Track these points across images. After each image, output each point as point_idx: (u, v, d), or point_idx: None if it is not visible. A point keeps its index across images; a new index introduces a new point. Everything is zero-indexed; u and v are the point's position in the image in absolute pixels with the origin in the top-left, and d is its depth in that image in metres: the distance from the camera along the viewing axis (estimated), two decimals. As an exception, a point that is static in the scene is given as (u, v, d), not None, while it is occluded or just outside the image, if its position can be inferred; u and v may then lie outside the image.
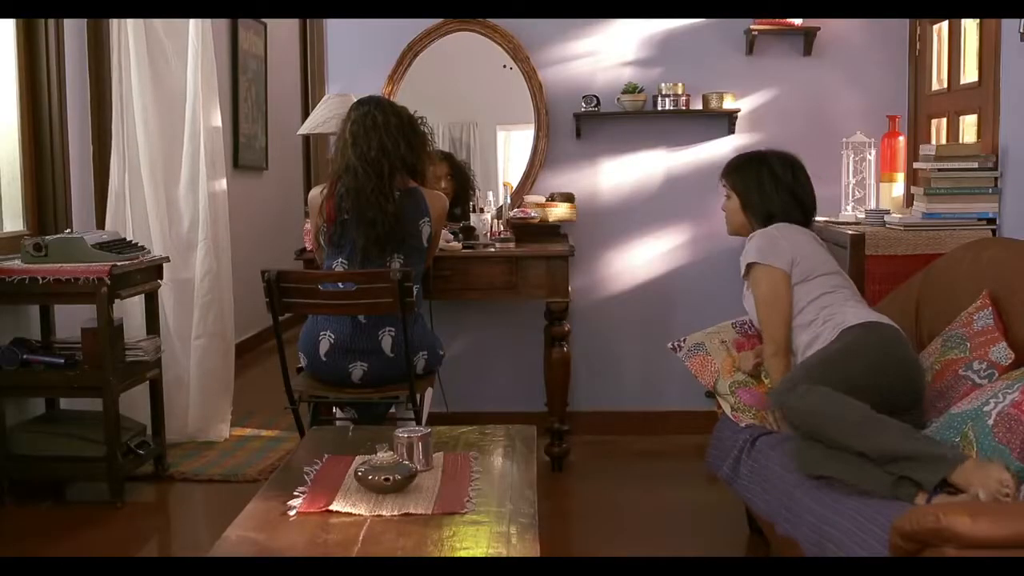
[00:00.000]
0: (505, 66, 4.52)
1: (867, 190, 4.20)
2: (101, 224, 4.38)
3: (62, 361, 3.75)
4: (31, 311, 4.03)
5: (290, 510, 2.24)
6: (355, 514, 2.20)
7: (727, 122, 4.50)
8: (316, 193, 3.52)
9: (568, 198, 4.45)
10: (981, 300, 2.89)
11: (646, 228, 4.60)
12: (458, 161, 4.48)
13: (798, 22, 4.38)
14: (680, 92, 4.41)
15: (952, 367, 2.79)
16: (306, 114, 5.25)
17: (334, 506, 2.24)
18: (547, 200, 4.41)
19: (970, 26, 3.89)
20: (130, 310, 4.23)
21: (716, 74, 4.49)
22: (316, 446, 2.76)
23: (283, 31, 7.34)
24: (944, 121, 4.14)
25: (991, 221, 3.63)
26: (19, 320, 3.97)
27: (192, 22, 4.39)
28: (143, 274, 3.98)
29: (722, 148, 4.49)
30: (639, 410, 4.64)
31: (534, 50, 4.51)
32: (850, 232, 3.62)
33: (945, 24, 4.11)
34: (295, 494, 2.33)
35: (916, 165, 4.03)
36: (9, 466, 3.77)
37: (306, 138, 6.51)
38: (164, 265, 4.16)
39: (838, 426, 2.46)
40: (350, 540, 2.07)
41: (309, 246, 3.90)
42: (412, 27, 4.47)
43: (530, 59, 4.48)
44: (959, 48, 3.98)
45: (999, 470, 2.20)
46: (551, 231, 4.42)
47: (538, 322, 4.31)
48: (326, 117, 4.13)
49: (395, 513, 2.20)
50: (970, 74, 3.89)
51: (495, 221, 4.27)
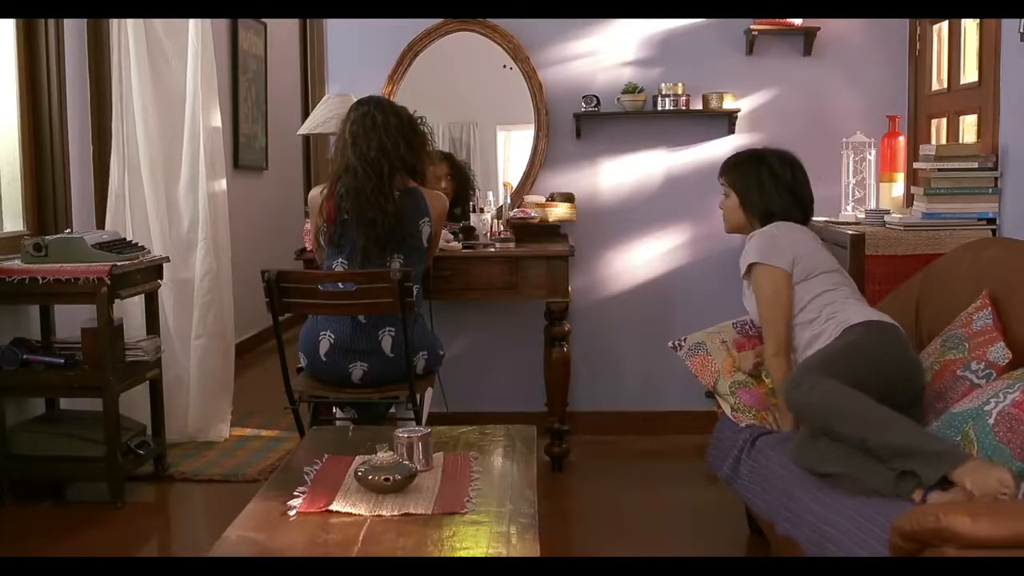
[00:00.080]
0: (505, 66, 4.52)
1: (867, 190, 4.20)
2: (101, 224, 4.38)
3: (62, 361, 3.75)
4: (31, 311, 4.03)
5: (290, 510, 2.24)
6: (355, 514, 2.20)
7: (727, 122, 4.50)
8: (316, 193, 3.52)
9: (568, 198, 4.45)
10: (981, 300, 2.89)
11: (646, 228, 4.60)
12: (458, 161, 4.48)
13: (798, 22, 4.38)
14: (680, 92, 4.41)
15: (951, 367, 2.79)
16: (306, 114, 5.25)
17: (334, 506, 2.24)
18: (547, 200, 4.41)
19: (970, 26, 3.89)
20: (130, 310, 4.24)
21: (716, 74, 4.49)
22: (316, 446, 2.76)
23: (283, 31, 7.34)
24: (944, 121, 4.14)
25: (991, 221, 3.63)
26: (19, 320, 3.97)
27: (192, 22, 4.39)
28: (143, 274, 3.98)
29: (722, 148, 4.48)
30: (639, 410, 4.64)
31: (534, 50, 4.51)
32: (850, 232, 3.62)
33: (945, 24, 4.11)
34: (295, 494, 2.33)
35: (916, 165, 4.02)
36: (9, 466, 3.77)
37: (306, 138, 6.51)
38: (164, 265, 4.16)
39: (846, 419, 2.47)
40: (350, 540, 2.07)
41: (309, 246, 3.90)
42: (412, 27, 4.47)
43: (530, 59, 4.48)
44: (959, 48, 3.98)
45: (1001, 471, 2.21)
46: (551, 231, 4.42)
47: (538, 322, 4.31)
48: (326, 117, 4.13)
49: (395, 513, 2.19)
50: (970, 74, 3.89)
51: (495, 221, 4.27)
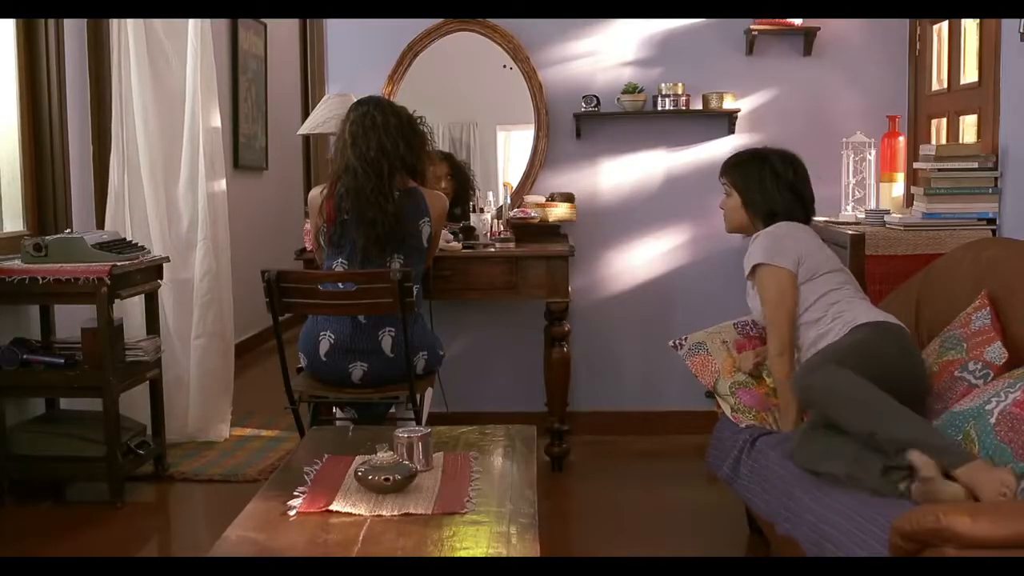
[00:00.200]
0: (505, 66, 4.52)
1: (867, 190, 4.20)
2: (101, 224, 4.38)
3: (62, 361, 3.75)
4: (31, 311, 4.03)
5: (290, 510, 2.24)
6: (355, 514, 2.20)
7: (727, 122, 4.50)
8: (316, 193, 3.52)
9: (568, 198, 4.45)
10: (980, 300, 2.89)
11: (646, 228, 4.60)
12: (458, 161, 4.48)
13: (798, 22, 4.38)
14: (680, 92, 4.41)
15: (949, 368, 2.79)
16: (306, 114, 5.25)
17: (334, 506, 2.24)
18: (547, 200, 4.41)
19: (970, 26, 3.89)
20: (130, 310, 4.23)
21: (716, 74, 4.48)
22: (316, 446, 2.76)
23: (283, 31, 7.34)
24: (944, 121, 4.14)
25: (991, 221, 3.63)
26: (19, 320, 3.97)
27: (192, 22, 4.39)
28: (143, 274, 3.98)
29: (722, 148, 4.48)
30: (639, 410, 4.64)
31: (534, 50, 4.51)
32: (850, 232, 3.61)
33: (945, 24, 4.11)
34: (295, 494, 2.33)
35: (916, 165, 4.02)
36: (9, 466, 3.77)
37: (306, 138, 6.51)
38: (164, 265, 4.16)
39: (857, 410, 2.48)
40: (350, 540, 2.07)
41: (309, 246, 3.90)
42: (412, 27, 4.47)
43: (530, 59, 4.48)
44: (959, 48, 3.98)
45: (1003, 472, 2.22)
46: (551, 231, 4.42)
47: (538, 322, 4.31)
48: (326, 117, 4.12)
49: (395, 513, 2.19)
50: (970, 74, 3.89)
51: (495, 221, 4.27)
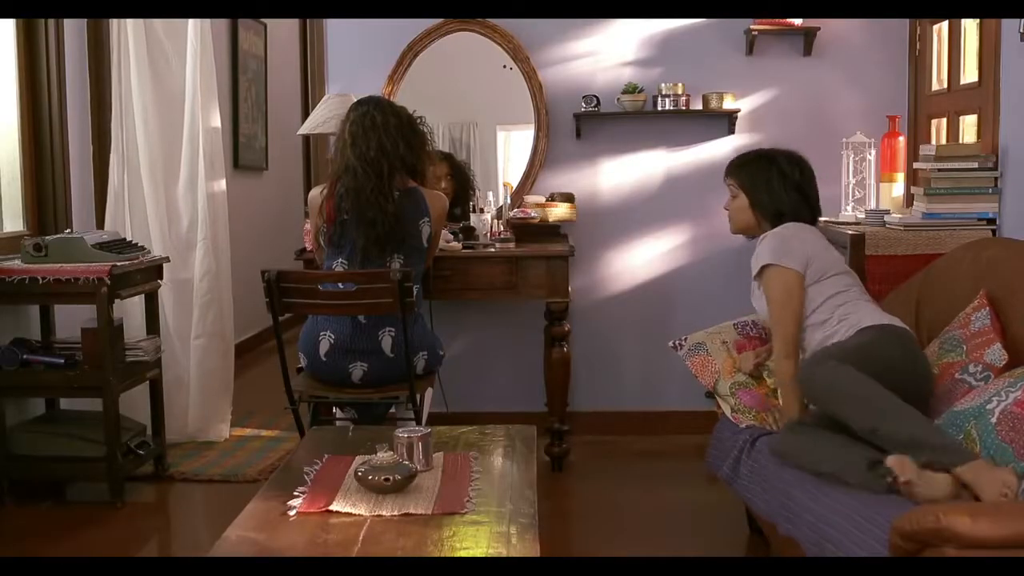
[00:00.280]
0: (505, 66, 4.52)
1: (867, 190, 4.20)
2: (101, 224, 4.38)
3: (62, 361, 3.75)
4: (31, 311, 4.03)
5: (290, 510, 2.24)
6: (355, 514, 2.20)
7: (727, 122, 4.50)
8: (316, 193, 3.52)
9: (568, 198, 4.45)
10: (978, 300, 2.89)
11: (646, 228, 4.60)
12: (458, 161, 4.48)
13: (798, 22, 4.38)
14: (680, 92, 4.41)
15: (950, 371, 2.79)
16: (306, 114, 5.25)
17: (334, 506, 2.24)
18: (547, 200, 4.41)
19: (970, 26, 3.89)
20: (130, 310, 4.23)
21: (716, 74, 4.48)
22: (316, 446, 2.76)
23: (283, 31, 7.33)
24: (944, 121, 4.14)
25: (991, 221, 3.63)
26: (19, 320, 3.97)
27: (192, 22, 4.39)
28: (143, 274, 3.98)
29: (722, 148, 4.49)
30: (639, 410, 4.64)
31: (534, 50, 4.50)
32: (850, 232, 3.61)
33: (945, 24, 4.11)
34: (295, 494, 2.33)
35: (916, 165, 4.02)
36: (9, 466, 3.77)
37: (306, 138, 6.51)
38: (164, 265, 4.15)
39: (860, 405, 2.49)
40: (350, 540, 2.07)
41: (309, 246, 3.90)
42: (412, 27, 4.47)
43: (530, 59, 4.48)
44: (959, 48, 3.98)
45: (1005, 473, 2.22)
46: (551, 231, 4.42)
47: (538, 322, 4.31)
48: (326, 117, 4.12)
49: (395, 513, 2.19)
50: (970, 74, 3.89)
51: (495, 221, 4.27)
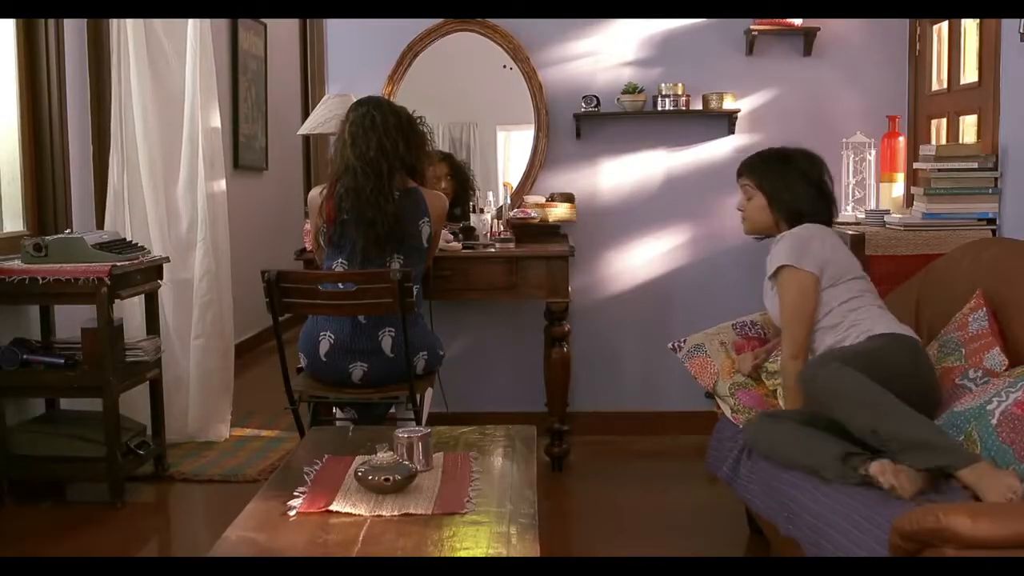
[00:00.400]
0: (505, 66, 4.52)
1: (867, 190, 4.20)
2: (101, 224, 4.38)
3: (62, 361, 3.75)
4: (31, 311, 4.03)
5: (290, 510, 2.24)
6: (355, 514, 2.20)
7: (727, 122, 4.50)
8: (316, 193, 3.52)
9: (568, 198, 4.45)
10: (975, 300, 2.88)
11: (646, 228, 4.60)
12: (458, 161, 4.47)
13: (798, 22, 4.38)
14: (680, 92, 4.41)
15: (949, 376, 2.79)
16: (306, 114, 5.25)
17: (334, 506, 2.24)
18: (547, 200, 4.41)
19: (970, 26, 3.89)
20: (130, 310, 4.24)
21: (716, 74, 4.48)
22: (316, 446, 2.76)
23: (283, 31, 7.34)
24: (944, 121, 4.14)
25: (991, 221, 3.63)
26: (19, 320, 3.97)
27: (192, 22, 4.38)
28: (143, 274, 3.98)
29: (722, 148, 4.49)
30: (639, 410, 4.64)
31: (534, 50, 4.50)
32: (850, 232, 3.62)
33: (945, 24, 4.11)
34: (295, 494, 2.33)
35: (916, 165, 4.02)
36: (9, 466, 3.76)
37: (306, 138, 6.51)
38: (163, 265, 4.15)
39: (861, 406, 2.49)
40: (350, 540, 2.07)
41: (309, 246, 3.90)
42: (412, 27, 4.47)
43: (530, 59, 4.48)
44: (959, 48, 3.98)
45: (1009, 476, 2.22)
46: (551, 231, 4.42)
47: (538, 322, 4.31)
48: (326, 117, 4.12)
49: (395, 513, 2.19)
50: (970, 74, 3.89)
51: (495, 221, 4.27)
